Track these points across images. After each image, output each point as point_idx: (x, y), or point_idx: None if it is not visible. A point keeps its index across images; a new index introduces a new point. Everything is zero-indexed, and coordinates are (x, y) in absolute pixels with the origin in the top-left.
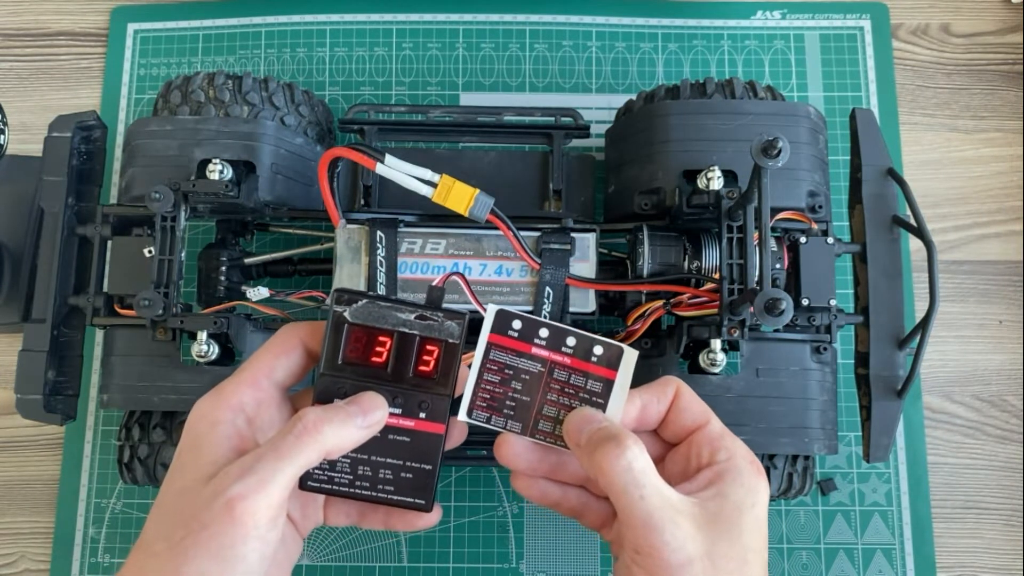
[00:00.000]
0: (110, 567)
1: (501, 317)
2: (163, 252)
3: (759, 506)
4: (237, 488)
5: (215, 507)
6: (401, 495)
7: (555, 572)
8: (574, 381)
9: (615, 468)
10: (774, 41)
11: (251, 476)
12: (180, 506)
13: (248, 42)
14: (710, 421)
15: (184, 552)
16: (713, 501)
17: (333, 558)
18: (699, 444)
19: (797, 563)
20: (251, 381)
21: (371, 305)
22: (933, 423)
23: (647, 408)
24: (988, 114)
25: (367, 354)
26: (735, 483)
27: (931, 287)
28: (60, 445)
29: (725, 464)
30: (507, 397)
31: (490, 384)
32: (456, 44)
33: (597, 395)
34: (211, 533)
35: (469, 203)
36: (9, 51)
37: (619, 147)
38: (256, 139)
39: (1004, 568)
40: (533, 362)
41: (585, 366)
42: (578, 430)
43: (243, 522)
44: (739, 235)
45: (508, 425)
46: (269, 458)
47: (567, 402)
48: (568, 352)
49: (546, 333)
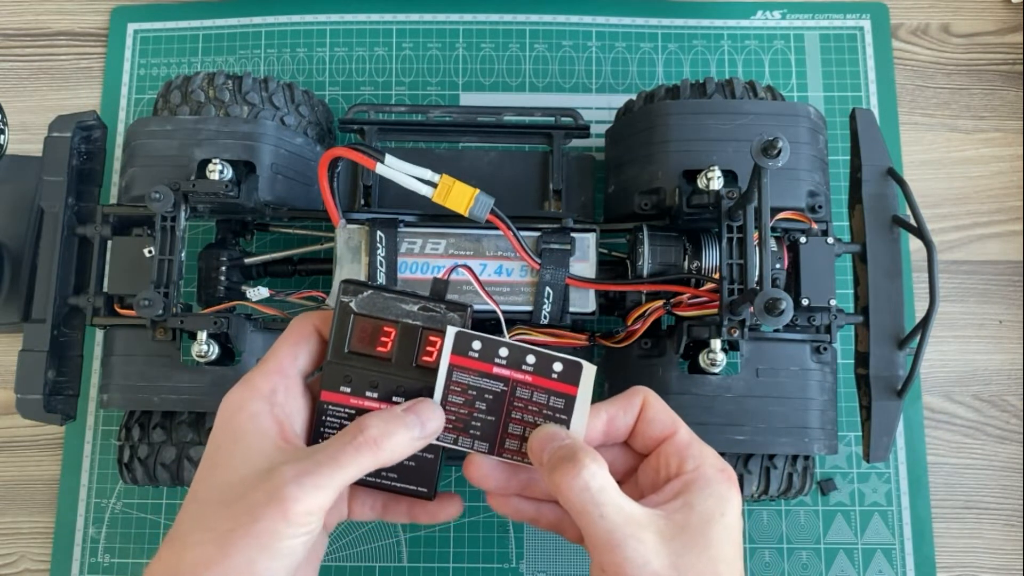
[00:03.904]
0: (110, 567)
1: (460, 338)
2: (163, 252)
3: (729, 515)
4: (293, 490)
5: (269, 503)
6: (405, 483)
7: (555, 572)
8: (536, 399)
9: (572, 488)
10: (774, 41)
11: (308, 479)
12: (227, 499)
13: (248, 42)
14: (678, 431)
15: (233, 543)
16: (680, 512)
17: (333, 558)
18: (667, 454)
19: (797, 563)
20: (278, 370)
21: (376, 296)
22: (933, 423)
23: (614, 421)
24: (988, 114)
25: (372, 344)
26: (703, 493)
27: (931, 287)
28: (60, 445)
29: (693, 474)
30: (472, 417)
31: (455, 405)
32: (456, 44)
33: (560, 411)
34: (262, 527)
35: (469, 203)
36: (9, 51)
37: (619, 147)
38: (256, 139)
39: (1004, 568)
40: (495, 381)
41: (546, 383)
42: (541, 448)
43: (296, 522)
44: (739, 235)
45: (475, 445)
46: (328, 465)
47: (531, 419)
48: (528, 370)
49: (505, 352)
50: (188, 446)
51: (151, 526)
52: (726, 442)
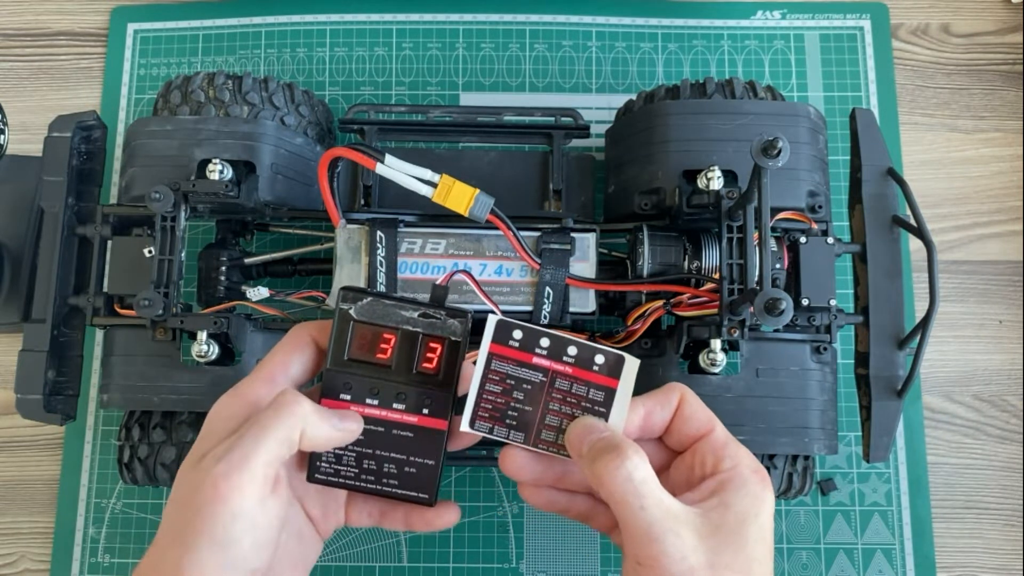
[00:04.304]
0: (110, 567)
1: (501, 327)
2: (163, 252)
3: (763, 516)
4: (220, 467)
5: (204, 489)
6: (405, 489)
7: (555, 572)
8: (576, 391)
9: (615, 478)
10: (774, 41)
11: (233, 452)
12: (179, 494)
13: (248, 42)
14: (714, 429)
15: (185, 541)
16: (716, 511)
17: (333, 558)
18: (703, 452)
19: (797, 563)
20: (267, 378)
21: (376, 303)
22: (933, 423)
23: (651, 416)
24: (988, 114)
25: (372, 351)
26: (739, 492)
27: (931, 287)
28: (60, 445)
29: (729, 473)
30: (509, 407)
31: (492, 394)
32: (456, 44)
33: (599, 404)
34: (204, 517)
35: (469, 203)
36: (9, 51)
37: (619, 147)
38: (256, 139)
39: (1004, 568)
40: (535, 372)
41: (587, 375)
42: (580, 440)
43: (229, 500)
44: (739, 235)
45: (511, 435)
46: (249, 434)
47: (569, 411)
48: (569, 361)
49: (547, 343)
50: (188, 446)
51: (151, 526)
52: None
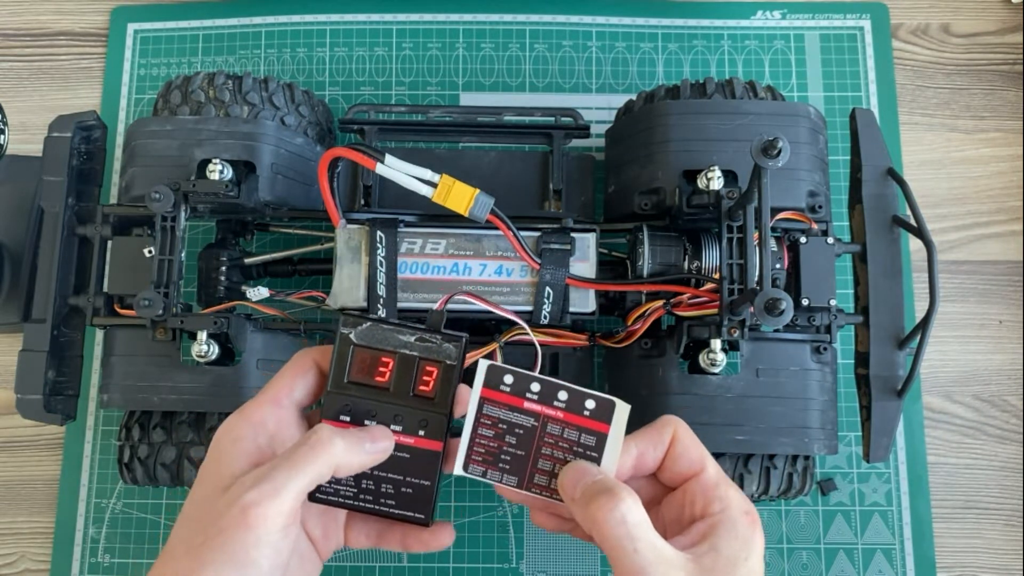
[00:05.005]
0: (110, 567)
1: (492, 372)
2: (163, 252)
3: (753, 559)
4: (251, 495)
5: (231, 513)
6: (402, 508)
7: (555, 572)
8: (567, 435)
9: (609, 521)
10: (774, 41)
11: (265, 484)
12: (199, 514)
13: (248, 42)
14: (706, 468)
15: (201, 557)
16: (707, 556)
17: (333, 558)
18: (693, 493)
19: (797, 563)
20: (272, 400)
21: (375, 327)
22: (933, 423)
23: (643, 456)
24: (988, 114)
25: (371, 374)
26: (729, 536)
27: (931, 287)
28: (60, 445)
29: (719, 516)
30: (502, 451)
31: (485, 438)
32: (456, 44)
33: (591, 449)
34: (226, 538)
35: (469, 203)
36: (9, 51)
37: (619, 147)
38: (256, 139)
39: (1004, 568)
40: (526, 416)
41: (578, 420)
42: (573, 484)
43: (256, 527)
44: (739, 235)
45: (504, 479)
46: (283, 468)
47: (561, 456)
48: (560, 406)
49: (538, 387)
50: (188, 446)
51: (151, 526)
52: (726, 442)
